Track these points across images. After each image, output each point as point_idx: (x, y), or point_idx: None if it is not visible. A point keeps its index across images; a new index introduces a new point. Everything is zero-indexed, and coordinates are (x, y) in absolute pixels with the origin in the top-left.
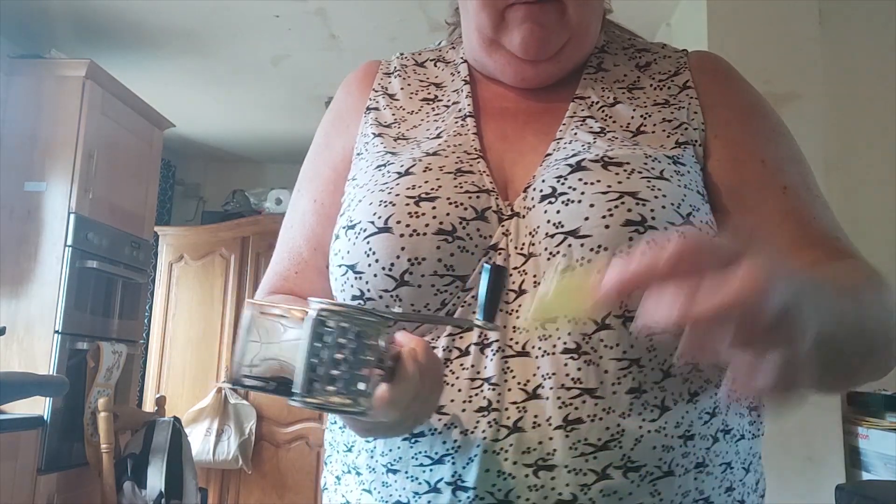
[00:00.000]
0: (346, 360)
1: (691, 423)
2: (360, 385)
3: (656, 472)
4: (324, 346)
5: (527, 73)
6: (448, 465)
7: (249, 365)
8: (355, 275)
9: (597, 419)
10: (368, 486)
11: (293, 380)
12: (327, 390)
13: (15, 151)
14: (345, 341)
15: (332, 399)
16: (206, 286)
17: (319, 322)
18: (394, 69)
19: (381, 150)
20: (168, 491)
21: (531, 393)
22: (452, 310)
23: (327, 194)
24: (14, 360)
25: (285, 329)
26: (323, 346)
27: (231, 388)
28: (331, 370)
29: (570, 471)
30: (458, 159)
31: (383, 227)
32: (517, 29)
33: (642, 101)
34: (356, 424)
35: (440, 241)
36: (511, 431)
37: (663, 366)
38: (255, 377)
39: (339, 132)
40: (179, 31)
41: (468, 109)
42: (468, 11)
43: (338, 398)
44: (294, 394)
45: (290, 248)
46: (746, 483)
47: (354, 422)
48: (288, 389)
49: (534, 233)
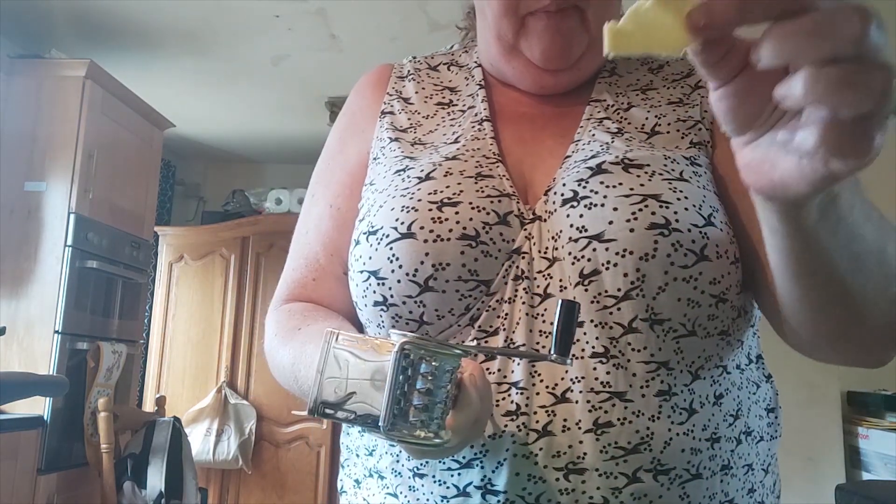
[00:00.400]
0: (427, 393)
1: (717, 425)
2: (438, 418)
3: (685, 474)
4: (406, 380)
5: (546, 82)
6: (477, 469)
7: (329, 394)
8: (378, 281)
9: (626, 422)
10: (394, 490)
11: (374, 412)
12: (411, 424)
13: (15, 151)
14: (427, 375)
15: (415, 433)
16: (206, 286)
17: (404, 356)
18: (407, 73)
19: (399, 155)
20: (168, 491)
21: (560, 397)
22: (476, 314)
23: (343, 199)
24: (14, 360)
25: (365, 360)
26: (406, 379)
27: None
28: (413, 404)
29: (600, 474)
30: (477, 163)
31: (406, 232)
32: (538, 38)
33: (656, 100)
34: (409, 448)
35: (464, 246)
36: (540, 435)
37: (692, 368)
38: (335, 406)
39: (354, 136)
40: (179, 31)
41: (485, 114)
42: (486, 17)
43: (421, 432)
44: (378, 427)
45: (307, 254)
46: (765, 484)
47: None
48: (369, 420)
49: (556, 237)
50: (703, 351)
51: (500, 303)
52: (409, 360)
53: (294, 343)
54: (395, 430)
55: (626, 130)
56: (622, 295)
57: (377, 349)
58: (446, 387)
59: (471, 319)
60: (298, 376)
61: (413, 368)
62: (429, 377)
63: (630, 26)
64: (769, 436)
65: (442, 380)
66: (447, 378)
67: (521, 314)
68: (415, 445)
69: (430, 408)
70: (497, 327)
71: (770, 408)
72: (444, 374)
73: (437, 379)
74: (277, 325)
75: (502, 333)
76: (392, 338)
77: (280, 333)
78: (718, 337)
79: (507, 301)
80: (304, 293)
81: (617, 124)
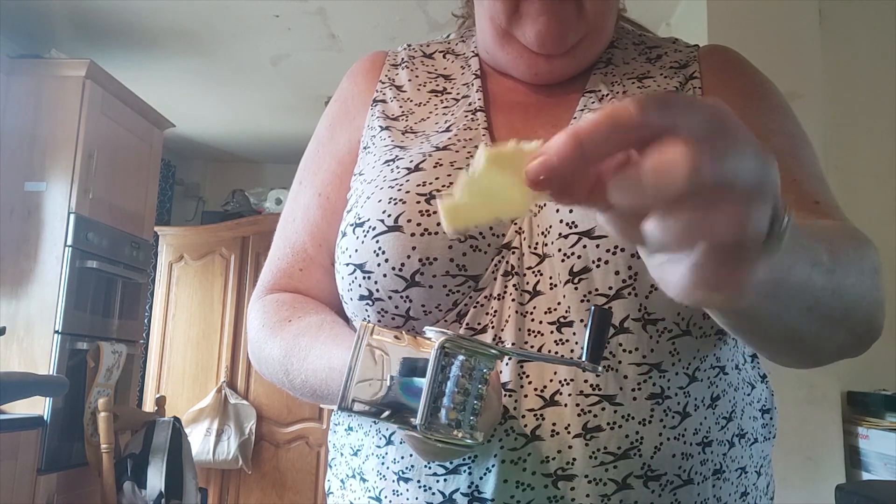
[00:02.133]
0: (463, 393)
1: (709, 428)
2: (472, 419)
3: (676, 480)
4: (445, 380)
5: (540, 68)
6: (464, 476)
7: (361, 389)
8: (364, 274)
9: (616, 427)
10: (377, 494)
11: (409, 409)
12: (449, 424)
13: (15, 151)
14: (465, 375)
15: (453, 433)
16: (206, 286)
17: (444, 354)
18: (401, 60)
19: (389, 144)
20: (168, 491)
21: (548, 399)
22: (464, 310)
23: (333, 188)
24: (14, 360)
25: (400, 357)
26: (444, 379)
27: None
28: (450, 404)
29: (589, 481)
30: (468, 154)
31: (393, 225)
32: (532, 22)
33: (652, 89)
34: (425, 448)
35: (452, 240)
36: (529, 440)
37: (688, 370)
38: (367, 403)
39: (345, 124)
40: (179, 31)
41: (479, 104)
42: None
43: (458, 432)
44: (414, 426)
45: (293, 243)
46: (759, 487)
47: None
48: (402, 418)
49: (546, 232)
50: (699, 351)
51: (488, 299)
52: (448, 358)
53: (285, 335)
54: (431, 429)
55: None
56: (613, 294)
57: (414, 346)
58: (480, 387)
59: (458, 315)
60: (290, 370)
61: (452, 369)
62: (465, 377)
63: (468, 198)
64: (763, 437)
65: (478, 380)
66: (482, 378)
67: (510, 311)
68: (450, 446)
69: (465, 408)
70: (485, 324)
71: (765, 409)
72: (479, 375)
73: (473, 379)
74: (265, 316)
75: (491, 331)
76: (427, 334)
77: (268, 324)
78: (716, 336)
79: (496, 297)
80: (291, 283)
81: None
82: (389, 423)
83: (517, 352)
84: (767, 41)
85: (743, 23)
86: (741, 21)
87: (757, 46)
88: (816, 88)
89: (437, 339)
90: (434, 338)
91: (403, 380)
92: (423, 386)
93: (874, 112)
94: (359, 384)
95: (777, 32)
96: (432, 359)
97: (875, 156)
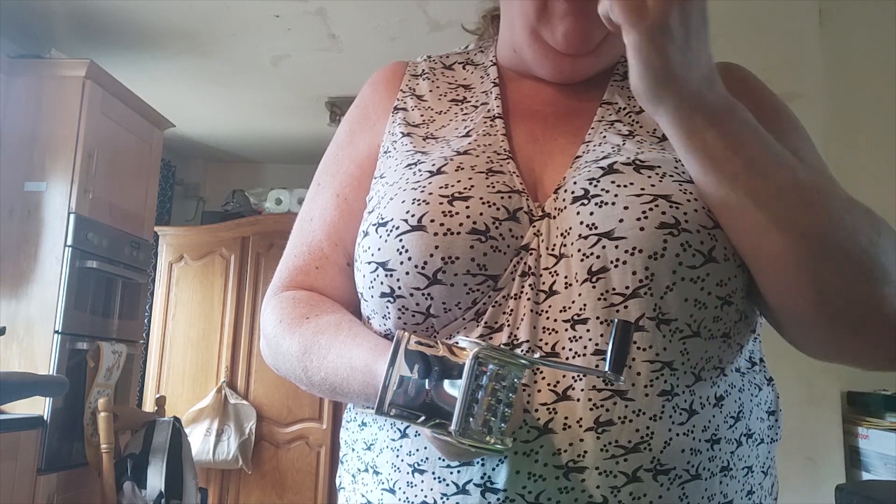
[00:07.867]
0: (495, 400)
1: (717, 426)
2: (502, 425)
3: (684, 475)
4: (478, 387)
5: (564, 67)
6: (477, 467)
7: (398, 395)
8: (386, 272)
9: (627, 421)
10: (391, 486)
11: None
12: (481, 430)
13: (15, 151)
14: (497, 384)
15: (486, 439)
16: (206, 286)
17: (478, 364)
18: (422, 71)
19: (411, 149)
20: (168, 491)
21: (561, 394)
22: (483, 308)
23: (351, 189)
24: (14, 360)
25: (436, 364)
26: (477, 387)
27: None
28: (483, 411)
29: (600, 473)
30: (488, 159)
31: (417, 225)
32: (560, 22)
33: None
34: (453, 450)
35: (474, 240)
36: (541, 433)
37: (695, 369)
38: (403, 407)
39: (365, 129)
40: (179, 31)
41: (497, 111)
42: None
43: (491, 438)
44: (448, 432)
45: (310, 241)
46: (764, 486)
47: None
48: (437, 423)
49: (566, 234)
50: (705, 352)
51: (506, 298)
52: (481, 367)
53: (303, 332)
54: (465, 434)
55: (637, 133)
56: (630, 293)
57: (449, 354)
58: (510, 395)
59: (476, 314)
60: (309, 367)
61: (486, 378)
62: (498, 386)
63: None
64: (769, 438)
65: (508, 388)
66: (512, 387)
67: (525, 310)
68: (487, 452)
69: (496, 414)
70: (502, 324)
71: (771, 410)
72: (510, 383)
73: (503, 388)
74: (281, 312)
75: (506, 329)
76: (461, 344)
77: (285, 321)
78: (721, 339)
79: (512, 297)
80: (307, 281)
81: (628, 127)
82: (424, 428)
83: (546, 362)
84: (767, 41)
85: (743, 23)
86: (741, 21)
87: (757, 46)
88: (816, 88)
89: (472, 349)
90: (469, 347)
91: (439, 386)
92: (457, 393)
93: (874, 112)
94: (396, 390)
95: (777, 32)
96: (467, 367)
97: (875, 156)
